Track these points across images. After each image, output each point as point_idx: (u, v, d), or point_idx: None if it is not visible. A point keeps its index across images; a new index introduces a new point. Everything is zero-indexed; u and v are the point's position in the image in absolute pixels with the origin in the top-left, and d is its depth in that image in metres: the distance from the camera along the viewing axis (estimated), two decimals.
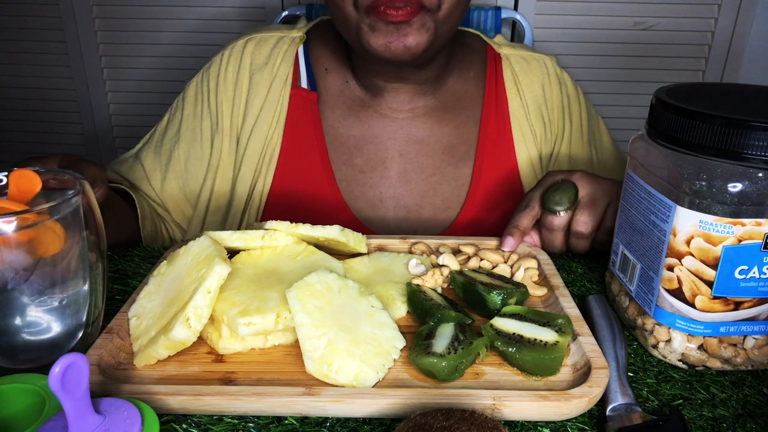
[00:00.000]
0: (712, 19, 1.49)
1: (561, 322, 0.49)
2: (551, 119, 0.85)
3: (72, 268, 0.45)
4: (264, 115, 0.80)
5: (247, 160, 0.81)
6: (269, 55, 0.82)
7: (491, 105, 0.83)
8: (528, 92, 0.84)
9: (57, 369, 0.33)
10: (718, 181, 0.44)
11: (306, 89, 0.82)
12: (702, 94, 0.52)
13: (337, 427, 0.43)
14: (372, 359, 0.46)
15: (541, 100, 0.85)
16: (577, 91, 0.89)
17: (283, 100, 0.81)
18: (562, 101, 0.86)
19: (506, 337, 0.48)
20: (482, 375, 0.47)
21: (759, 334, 0.49)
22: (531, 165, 0.83)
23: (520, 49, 0.88)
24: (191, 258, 0.52)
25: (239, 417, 0.43)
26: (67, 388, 0.33)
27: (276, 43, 0.83)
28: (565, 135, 0.86)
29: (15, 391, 0.41)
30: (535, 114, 0.84)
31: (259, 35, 0.84)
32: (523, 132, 0.83)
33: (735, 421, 0.45)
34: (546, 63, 0.87)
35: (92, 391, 0.43)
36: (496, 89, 0.84)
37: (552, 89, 0.85)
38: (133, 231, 0.79)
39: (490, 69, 0.85)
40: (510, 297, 0.53)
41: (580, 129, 0.87)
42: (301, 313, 0.47)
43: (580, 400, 0.42)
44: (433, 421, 0.36)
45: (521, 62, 0.86)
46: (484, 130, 0.82)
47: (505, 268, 0.61)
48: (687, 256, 0.47)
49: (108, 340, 0.48)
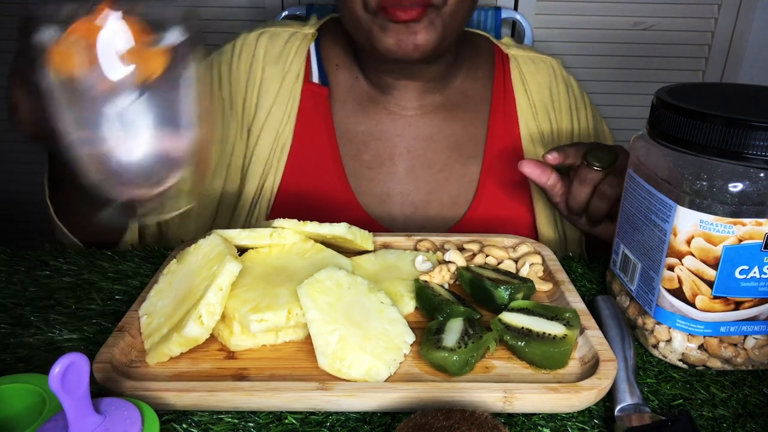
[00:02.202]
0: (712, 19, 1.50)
1: (569, 315, 0.50)
2: (559, 120, 0.86)
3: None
4: (276, 110, 0.81)
5: (258, 153, 0.81)
6: (282, 49, 0.83)
7: (499, 104, 0.84)
8: (535, 93, 0.85)
9: (57, 369, 0.33)
10: (719, 181, 0.45)
11: (318, 84, 0.82)
12: (702, 94, 0.52)
13: (338, 426, 0.43)
14: (383, 354, 0.47)
15: (548, 101, 0.86)
16: (583, 93, 0.90)
17: (294, 94, 0.81)
18: (570, 103, 0.87)
19: (515, 331, 0.49)
20: (492, 369, 0.48)
21: (759, 334, 0.49)
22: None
23: (527, 50, 0.89)
24: (201, 256, 0.53)
25: (239, 417, 0.44)
26: (67, 388, 0.33)
27: (289, 38, 0.83)
28: (573, 137, 0.87)
29: (15, 391, 0.41)
30: (542, 114, 0.85)
31: (272, 29, 0.84)
32: (531, 131, 0.84)
33: (735, 421, 0.45)
34: (553, 65, 0.88)
35: (104, 389, 0.44)
36: (504, 88, 0.85)
37: (559, 91, 0.87)
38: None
39: (497, 69, 0.86)
40: (517, 292, 0.54)
41: (588, 131, 0.89)
42: (313, 309, 0.48)
43: (589, 392, 0.44)
44: (433, 421, 0.36)
45: (529, 63, 0.87)
46: (492, 129, 0.83)
47: (510, 263, 0.62)
48: (687, 256, 0.48)
49: (119, 338, 0.48)
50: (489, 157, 0.82)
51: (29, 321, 0.55)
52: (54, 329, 0.54)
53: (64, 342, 0.53)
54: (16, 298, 0.59)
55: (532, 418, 0.44)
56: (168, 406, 0.44)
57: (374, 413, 0.44)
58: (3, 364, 0.50)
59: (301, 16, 1.29)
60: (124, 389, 0.44)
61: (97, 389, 0.44)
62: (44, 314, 0.56)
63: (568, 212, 0.71)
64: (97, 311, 0.57)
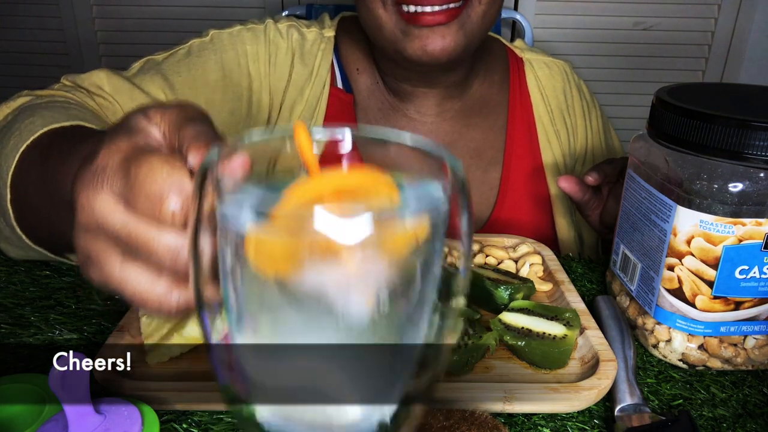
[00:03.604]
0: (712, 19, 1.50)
1: (568, 315, 0.50)
2: (574, 124, 0.86)
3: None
4: (301, 110, 0.79)
5: None
6: (309, 50, 0.80)
7: (516, 109, 0.84)
8: (551, 97, 0.85)
9: (57, 369, 0.33)
10: (719, 181, 0.45)
11: (342, 90, 0.81)
12: (702, 94, 0.52)
13: None
14: None
15: (563, 105, 0.86)
16: (592, 95, 0.91)
17: (322, 100, 0.79)
18: (582, 106, 0.88)
19: (515, 331, 0.49)
20: (492, 369, 0.48)
21: (759, 334, 0.49)
22: (557, 168, 0.84)
23: (540, 53, 0.89)
24: None
25: None
26: (67, 388, 0.33)
27: (315, 39, 0.81)
28: (588, 139, 0.88)
29: (15, 391, 0.41)
30: (558, 118, 0.85)
31: (298, 23, 0.81)
32: (549, 136, 0.84)
33: (735, 421, 0.45)
34: (566, 69, 0.88)
35: (104, 390, 0.44)
36: (521, 93, 0.85)
37: (573, 95, 0.87)
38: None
39: (513, 73, 0.86)
40: (517, 292, 0.54)
41: (599, 133, 0.89)
42: None
43: (589, 392, 0.44)
44: (433, 421, 0.36)
45: (543, 68, 0.86)
46: (511, 135, 0.83)
47: (510, 263, 0.62)
48: (687, 256, 0.48)
49: (119, 338, 0.48)
50: (508, 162, 0.82)
51: (29, 321, 0.55)
52: (54, 329, 0.54)
53: (64, 342, 0.53)
54: (16, 298, 0.59)
55: (532, 418, 0.44)
56: (168, 406, 0.44)
57: None
58: (3, 364, 0.50)
59: (301, 16, 1.29)
60: (124, 389, 0.43)
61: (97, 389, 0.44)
62: (44, 314, 0.56)
63: (600, 225, 0.71)
64: (97, 311, 0.57)
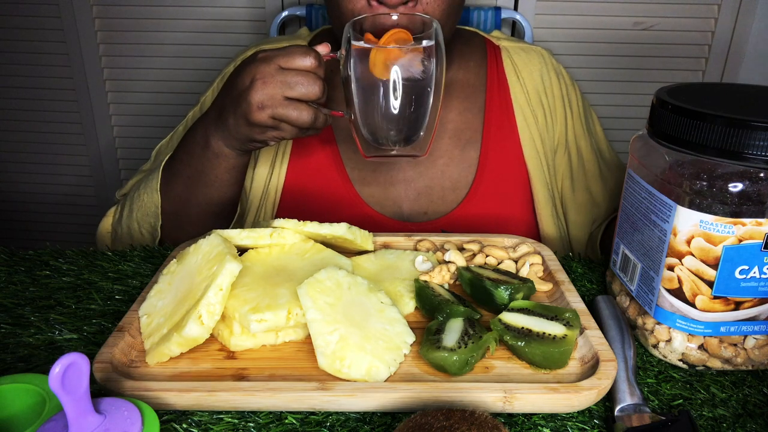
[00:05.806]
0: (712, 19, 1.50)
1: (569, 315, 0.50)
2: (552, 106, 0.90)
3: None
4: None
5: (263, 154, 0.85)
6: None
7: (494, 92, 0.88)
8: (528, 81, 0.89)
9: (57, 369, 0.33)
10: (719, 181, 0.45)
11: None
12: (702, 94, 0.52)
13: (338, 426, 0.43)
14: (383, 354, 0.47)
15: (540, 88, 0.89)
16: (573, 80, 0.94)
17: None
18: (562, 90, 0.91)
19: (515, 331, 0.49)
20: (492, 369, 0.48)
21: (759, 334, 0.49)
22: (534, 148, 0.87)
23: (517, 41, 0.93)
24: (201, 256, 0.53)
25: (239, 417, 0.44)
26: (67, 388, 0.33)
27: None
28: (568, 122, 0.91)
29: (15, 391, 0.41)
30: (535, 99, 0.89)
31: (266, 45, 0.89)
32: (526, 117, 0.87)
33: (735, 421, 0.45)
34: (543, 54, 0.92)
35: (104, 389, 0.44)
36: (498, 78, 0.89)
37: (551, 79, 0.90)
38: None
39: (490, 59, 0.90)
40: (517, 292, 0.54)
41: (580, 116, 0.92)
42: (313, 309, 0.48)
43: (589, 392, 0.44)
44: (433, 421, 0.36)
45: (520, 53, 0.91)
46: (489, 116, 0.87)
47: (510, 263, 0.62)
48: (687, 256, 0.48)
49: (119, 338, 0.49)
50: (486, 141, 0.85)
51: (29, 321, 0.55)
52: (54, 329, 0.54)
53: (64, 342, 0.53)
54: (16, 298, 0.59)
55: (532, 418, 0.44)
56: (168, 406, 0.44)
57: (374, 413, 0.44)
58: (3, 364, 0.50)
59: (301, 16, 1.30)
60: (124, 389, 0.44)
61: (97, 389, 0.44)
62: (44, 314, 0.56)
63: None
64: (97, 311, 0.57)
